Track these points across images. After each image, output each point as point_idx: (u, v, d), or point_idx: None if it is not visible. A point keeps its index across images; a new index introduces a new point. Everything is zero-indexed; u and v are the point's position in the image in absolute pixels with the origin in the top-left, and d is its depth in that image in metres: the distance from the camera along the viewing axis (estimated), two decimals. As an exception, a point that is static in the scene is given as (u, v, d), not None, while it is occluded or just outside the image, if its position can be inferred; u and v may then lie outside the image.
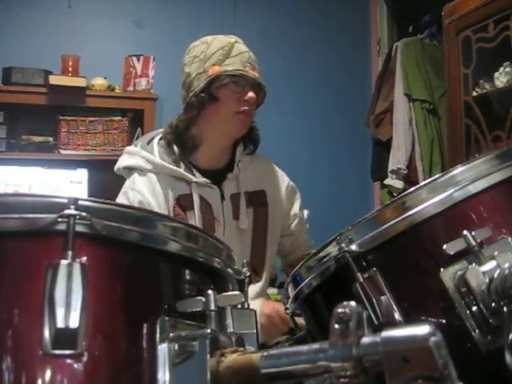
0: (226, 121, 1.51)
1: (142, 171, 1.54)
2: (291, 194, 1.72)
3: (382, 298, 0.72)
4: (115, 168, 1.62)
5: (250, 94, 1.48)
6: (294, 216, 1.72)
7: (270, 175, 1.68)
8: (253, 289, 1.54)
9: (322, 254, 0.81)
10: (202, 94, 1.48)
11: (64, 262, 0.57)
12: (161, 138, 1.59)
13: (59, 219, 0.59)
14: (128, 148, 1.63)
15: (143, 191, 1.50)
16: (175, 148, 1.55)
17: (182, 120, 1.53)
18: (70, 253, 0.58)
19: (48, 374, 0.56)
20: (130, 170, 1.57)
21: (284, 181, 1.71)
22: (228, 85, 1.47)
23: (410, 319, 0.71)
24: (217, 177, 1.57)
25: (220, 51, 1.49)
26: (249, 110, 1.50)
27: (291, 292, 0.91)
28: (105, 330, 0.60)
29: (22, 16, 3.23)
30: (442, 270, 0.71)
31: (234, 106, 1.49)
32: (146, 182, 1.52)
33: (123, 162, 1.60)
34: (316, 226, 1.86)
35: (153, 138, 1.60)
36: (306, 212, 1.77)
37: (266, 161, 1.71)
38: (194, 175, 1.53)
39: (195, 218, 1.50)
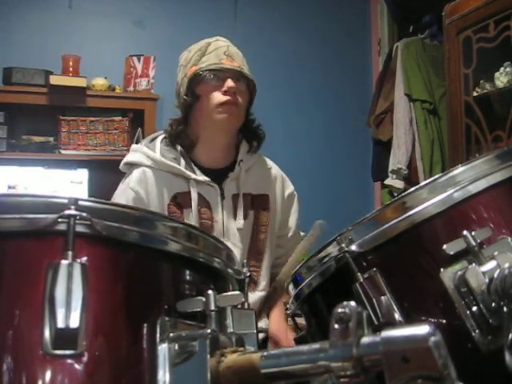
0: (213, 114, 1.51)
1: (139, 167, 1.55)
2: (290, 204, 1.70)
3: (382, 298, 0.72)
4: (120, 166, 1.63)
5: (229, 84, 1.48)
6: (289, 228, 1.70)
7: (275, 180, 1.67)
8: (251, 297, 1.51)
9: (322, 254, 0.81)
10: (185, 97, 1.51)
11: (64, 262, 0.58)
12: (165, 137, 1.60)
13: (59, 219, 0.59)
14: (133, 146, 1.66)
15: (137, 188, 1.51)
16: (178, 146, 1.56)
17: (175, 121, 1.57)
18: (70, 253, 0.58)
19: (48, 374, 0.56)
20: (131, 165, 1.58)
21: (288, 188, 1.70)
22: (206, 80, 1.49)
23: (410, 319, 0.71)
24: (219, 176, 1.57)
25: (197, 53, 1.52)
26: (232, 100, 1.49)
27: (292, 292, 0.91)
28: (105, 330, 0.60)
29: (23, 16, 3.23)
30: (442, 270, 0.71)
31: (216, 98, 1.49)
32: (142, 178, 1.53)
33: (126, 158, 1.62)
34: (316, 226, 1.85)
35: (157, 137, 1.63)
36: (302, 234, 1.75)
37: (273, 164, 1.71)
38: (194, 173, 1.54)
39: (192, 216, 1.50)
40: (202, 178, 1.53)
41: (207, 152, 1.58)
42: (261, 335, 1.49)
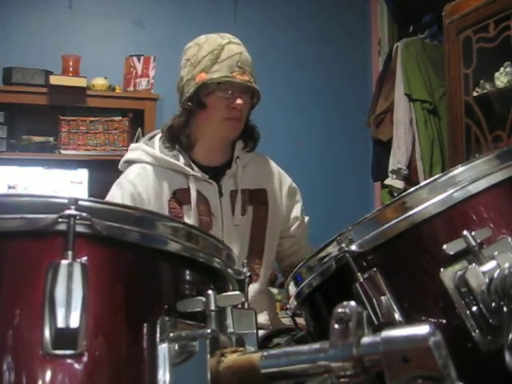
0: (216, 127, 1.53)
1: (139, 163, 1.56)
2: (292, 196, 1.71)
3: (382, 298, 0.72)
4: (119, 165, 1.64)
5: (238, 101, 1.48)
6: (295, 219, 1.71)
7: (272, 175, 1.69)
8: (251, 288, 1.55)
9: (322, 254, 0.81)
10: (190, 103, 1.50)
11: (64, 262, 0.58)
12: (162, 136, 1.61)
13: (60, 219, 0.59)
14: (131, 144, 1.67)
15: (135, 182, 1.52)
16: (176, 145, 1.57)
17: (175, 122, 1.56)
18: (70, 253, 0.58)
19: (48, 374, 0.56)
20: (130, 163, 1.59)
21: (286, 182, 1.71)
22: (215, 92, 1.48)
23: (410, 319, 0.71)
24: (216, 173, 1.58)
25: (209, 56, 1.48)
26: (238, 116, 1.51)
27: (292, 292, 0.91)
28: (105, 330, 0.60)
29: (23, 16, 3.23)
30: (442, 269, 0.71)
31: (223, 112, 1.49)
32: (141, 173, 1.53)
33: (125, 156, 1.63)
34: (316, 226, 1.86)
35: (155, 135, 1.64)
36: (306, 218, 1.77)
37: (269, 160, 1.72)
38: (192, 169, 1.55)
39: (192, 212, 1.50)
40: (200, 174, 1.54)
41: (205, 152, 1.60)
42: (261, 331, 1.49)
